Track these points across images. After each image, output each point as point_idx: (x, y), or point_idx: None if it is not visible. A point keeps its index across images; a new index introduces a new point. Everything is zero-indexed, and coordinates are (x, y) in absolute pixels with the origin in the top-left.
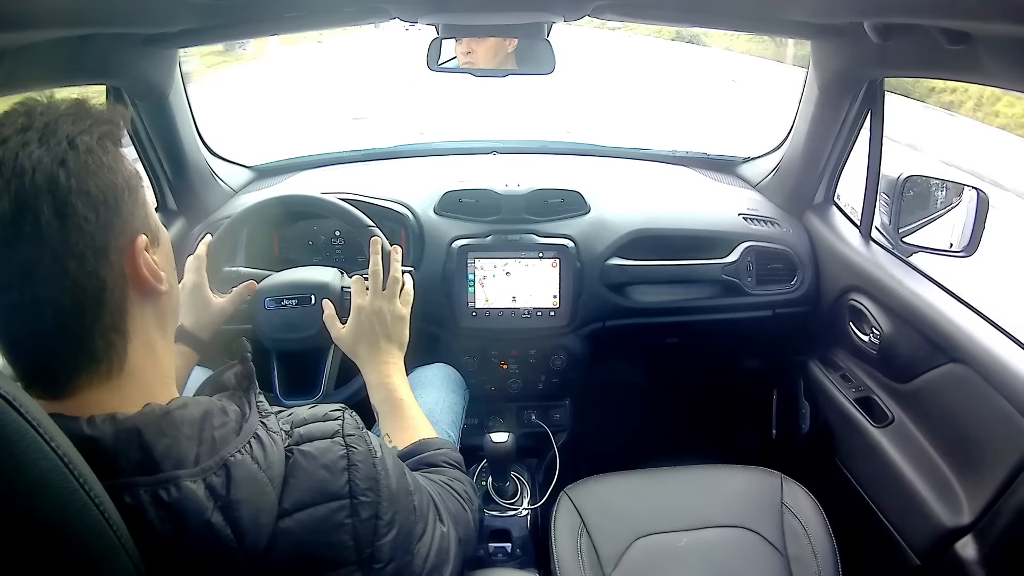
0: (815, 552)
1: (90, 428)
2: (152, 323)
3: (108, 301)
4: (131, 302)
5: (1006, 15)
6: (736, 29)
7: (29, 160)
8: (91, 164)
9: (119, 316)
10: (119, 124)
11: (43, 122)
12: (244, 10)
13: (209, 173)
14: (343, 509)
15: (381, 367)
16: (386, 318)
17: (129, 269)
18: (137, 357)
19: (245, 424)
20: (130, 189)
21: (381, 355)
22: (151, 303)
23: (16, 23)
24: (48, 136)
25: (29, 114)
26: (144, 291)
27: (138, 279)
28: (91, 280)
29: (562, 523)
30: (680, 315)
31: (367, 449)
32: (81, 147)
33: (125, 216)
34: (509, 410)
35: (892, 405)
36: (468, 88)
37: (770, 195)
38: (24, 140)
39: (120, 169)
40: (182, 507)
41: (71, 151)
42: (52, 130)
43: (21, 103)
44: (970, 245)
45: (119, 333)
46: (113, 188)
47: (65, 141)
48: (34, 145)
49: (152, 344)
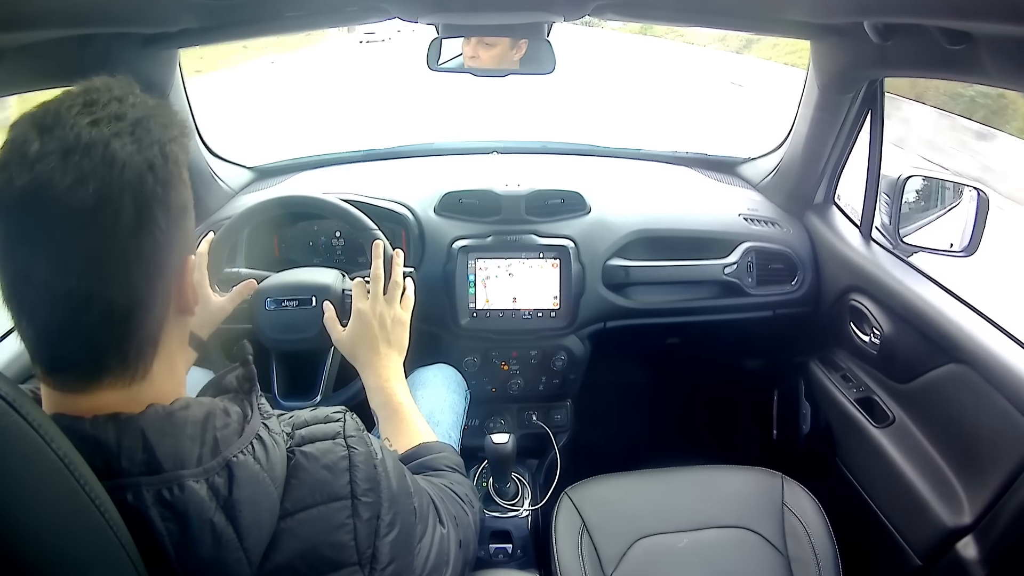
0: (816, 552)
1: (93, 428)
2: (176, 338)
3: (153, 312)
4: (170, 317)
5: (1006, 15)
6: (735, 29)
7: (122, 152)
8: (174, 176)
9: (157, 328)
10: (189, 138)
11: (136, 116)
12: (244, 10)
13: (209, 173)
14: (344, 509)
15: (380, 371)
16: (387, 322)
17: (176, 286)
18: (159, 368)
19: (247, 425)
20: (190, 208)
21: (381, 359)
22: (182, 320)
23: (16, 23)
24: (141, 134)
25: (122, 101)
26: (181, 309)
27: (181, 297)
28: (147, 290)
29: (563, 524)
30: (681, 316)
31: (368, 450)
32: (170, 156)
33: (187, 234)
34: (510, 411)
35: (893, 405)
36: (468, 89)
37: (770, 195)
38: (117, 130)
39: (188, 187)
40: (185, 507)
41: (160, 157)
42: (146, 129)
43: (108, 83)
44: (971, 245)
45: (152, 345)
46: (184, 204)
47: (157, 145)
48: (127, 138)
49: (172, 357)
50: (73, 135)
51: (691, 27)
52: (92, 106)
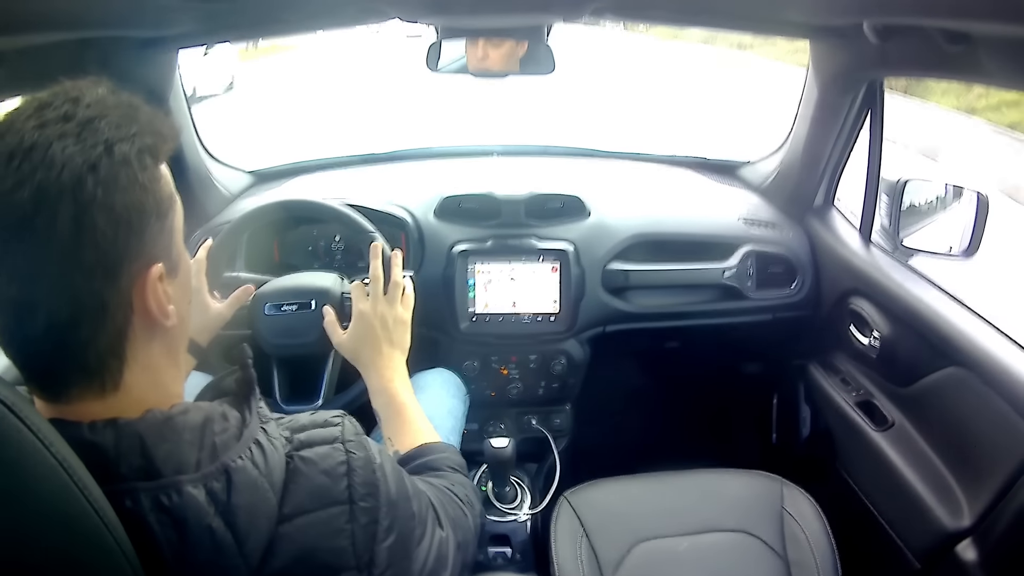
0: (816, 556)
1: (91, 433)
2: (158, 350)
3: (108, 323)
4: (134, 328)
5: (1006, 15)
6: (735, 29)
7: (61, 154)
8: (122, 177)
9: (118, 340)
10: (166, 139)
11: (87, 116)
12: (243, 12)
13: (208, 177)
14: (342, 514)
15: (384, 371)
16: (388, 323)
17: (138, 297)
18: (136, 381)
19: (246, 430)
20: (159, 213)
21: (384, 360)
22: (159, 332)
23: (15, 26)
24: (87, 134)
25: (76, 102)
26: (149, 322)
27: (144, 309)
28: (93, 299)
29: (562, 528)
30: (680, 319)
31: (366, 455)
32: (117, 156)
33: (146, 241)
34: (509, 415)
35: (892, 409)
36: (468, 92)
37: (770, 198)
38: (62, 131)
39: (153, 189)
40: (183, 512)
41: (106, 157)
42: (93, 128)
43: (75, 86)
44: (970, 248)
45: (116, 357)
46: (140, 209)
47: (102, 145)
48: (70, 139)
49: (156, 370)
50: (18, 139)
51: (690, 27)
52: (44, 109)
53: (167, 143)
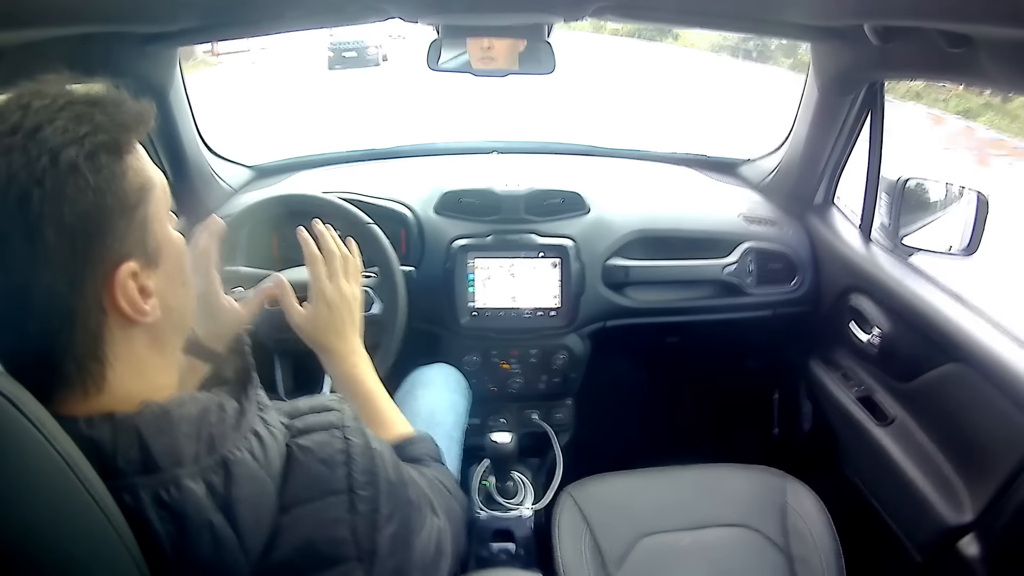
0: (818, 551)
1: (88, 428)
2: (142, 345)
3: (79, 330)
4: (110, 329)
5: (1006, 18)
6: (736, 30)
7: (7, 170)
8: (69, 188)
9: (94, 344)
10: (129, 129)
11: (33, 123)
12: (244, 9)
13: (209, 172)
14: (341, 504)
15: (349, 357)
16: (349, 301)
17: (108, 298)
18: (120, 378)
19: (243, 420)
20: (124, 209)
21: (347, 344)
22: (140, 328)
23: (16, 21)
24: (32, 145)
25: (25, 109)
26: (126, 320)
27: (118, 309)
28: (59, 309)
29: (565, 523)
30: (681, 315)
31: (365, 442)
32: (63, 164)
33: (110, 243)
34: (511, 410)
35: (893, 404)
36: (468, 89)
37: (770, 196)
38: (9, 145)
39: (112, 188)
40: (183, 507)
41: (51, 168)
42: (38, 139)
43: (28, 90)
44: (970, 246)
45: (95, 360)
46: (96, 213)
47: (47, 155)
48: (17, 153)
49: (141, 365)
50: None
51: (691, 28)
52: None
53: (132, 132)
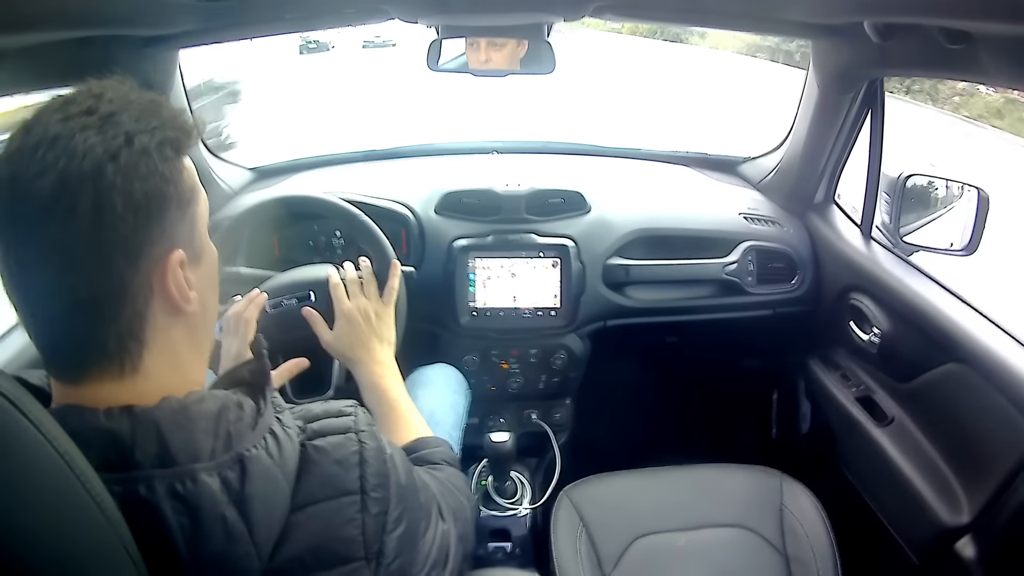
0: (815, 552)
1: (108, 420)
2: (180, 336)
3: (127, 305)
4: (155, 312)
5: (1006, 15)
6: (736, 29)
7: (83, 144)
8: (142, 167)
9: (138, 323)
10: (188, 134)
11: (108, 110)
12: (244, 11)
13: (209, 174)
14: (353, 504)
15: (374, 368)
16: (372, 318)
17: (158, 281)
18: (156, 364)
19: (260, 419)
20: (180, 202)
21: (373, 356)
22: (180, 318)
23: (16, 25)
24: (108, 126)
25: (99, 98)
26: (171, 307)
27: (165, 293)
28: (113, 280)
29: (562, 523)
30: (681, 314)
31: (378, 445)
32: (137, 146)
33: (167, 227)
34: (509, 409)
35: (892, 404)
36: (468, 89)
37: (771, 195)
38: (84, 123)
39: (175, 180)
40: (197, 500)
41: (126, 147)
42: (114, 121)
43: (99, 84)
44: (971, 244)
45: (135, 339)
46: (160, 196)
47: (123, 136)
48: (92, 131)
49: (177, 355)
50: (43, 131)
51: (691, 27)
52: (69, 104)
53: (190, 138)
